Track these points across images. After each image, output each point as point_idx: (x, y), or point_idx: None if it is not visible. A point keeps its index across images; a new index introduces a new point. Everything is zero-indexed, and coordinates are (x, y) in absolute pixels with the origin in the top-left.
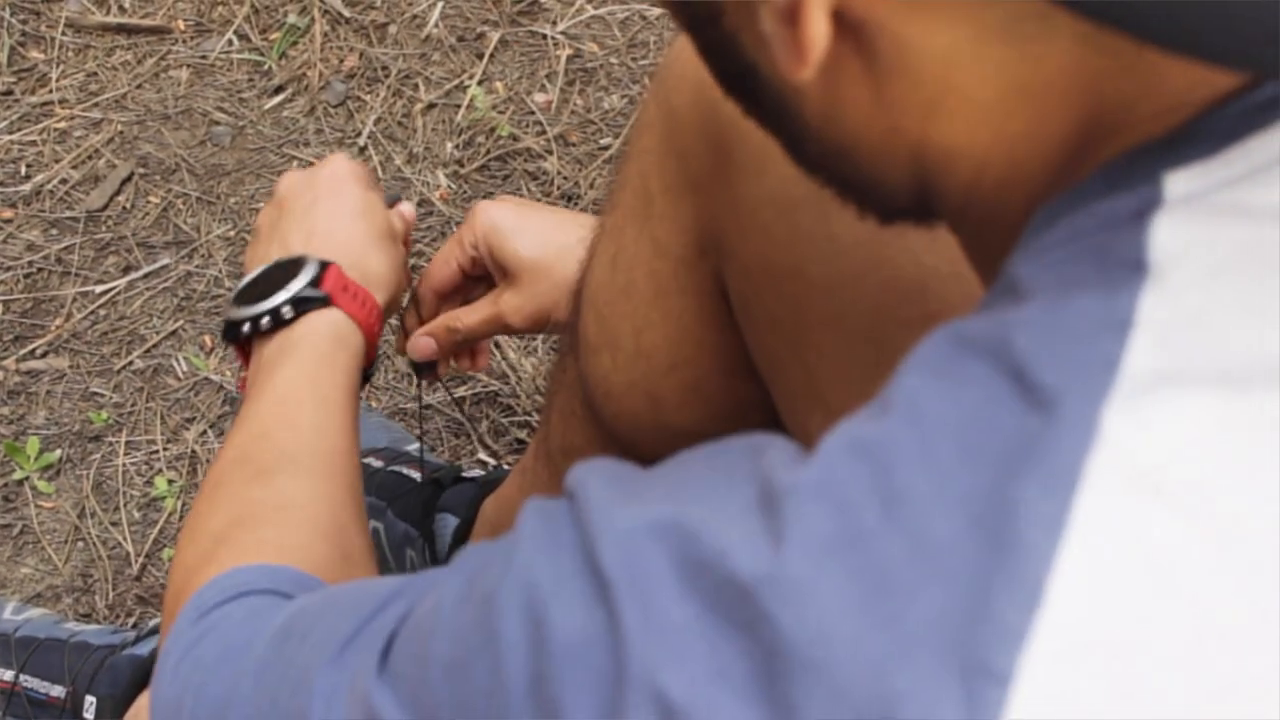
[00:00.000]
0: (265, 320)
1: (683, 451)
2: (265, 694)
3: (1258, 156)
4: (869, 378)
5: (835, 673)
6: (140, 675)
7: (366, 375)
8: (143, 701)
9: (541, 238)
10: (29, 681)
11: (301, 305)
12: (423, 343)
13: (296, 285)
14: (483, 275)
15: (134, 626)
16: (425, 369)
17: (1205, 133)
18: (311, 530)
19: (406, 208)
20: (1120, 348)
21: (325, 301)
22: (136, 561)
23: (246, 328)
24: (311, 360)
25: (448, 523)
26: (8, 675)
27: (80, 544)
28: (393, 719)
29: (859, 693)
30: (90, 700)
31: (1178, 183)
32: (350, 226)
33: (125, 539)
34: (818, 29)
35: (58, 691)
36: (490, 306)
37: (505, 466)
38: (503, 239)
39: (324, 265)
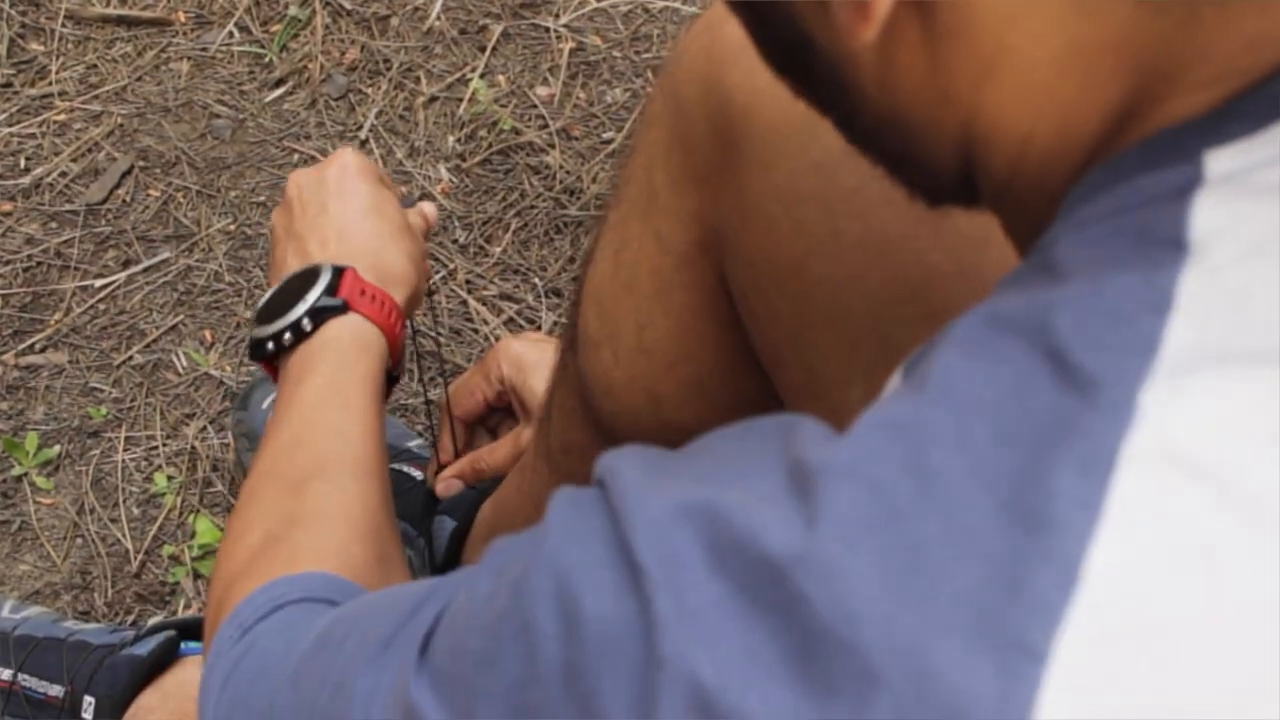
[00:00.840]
0: (287, 335)
1: (714, 431)
2: (305, 701)
3: None
4: (871, 376)
5: (870, 651)
6: (139, 676)
7: (394, 377)
8: (142, 702)
9: None
10: (27, 680)
11: (319, 315)
12: (450, 484)
13: (313, 296)
14: (506, 405)
15: (133, 624)
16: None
17: (1248, 109)
18: (347, 534)
19: (428, 207)
20: (1160, 328)
21: (343, 308)
22: (136, 559)
23: (270, 346)
24: (334, 368)
25: (445, 525)
26: (6, 674)
27: (79, 541)
28: (432, 717)
29: (894, 671)
30: (89, 700)
31: (1219, 160)
32: (363, 225)
33: (124, 536)
34: None
35: (56, 691)
36: (513, 444)
37: None
38: (524, 376)
39: (339, 271)
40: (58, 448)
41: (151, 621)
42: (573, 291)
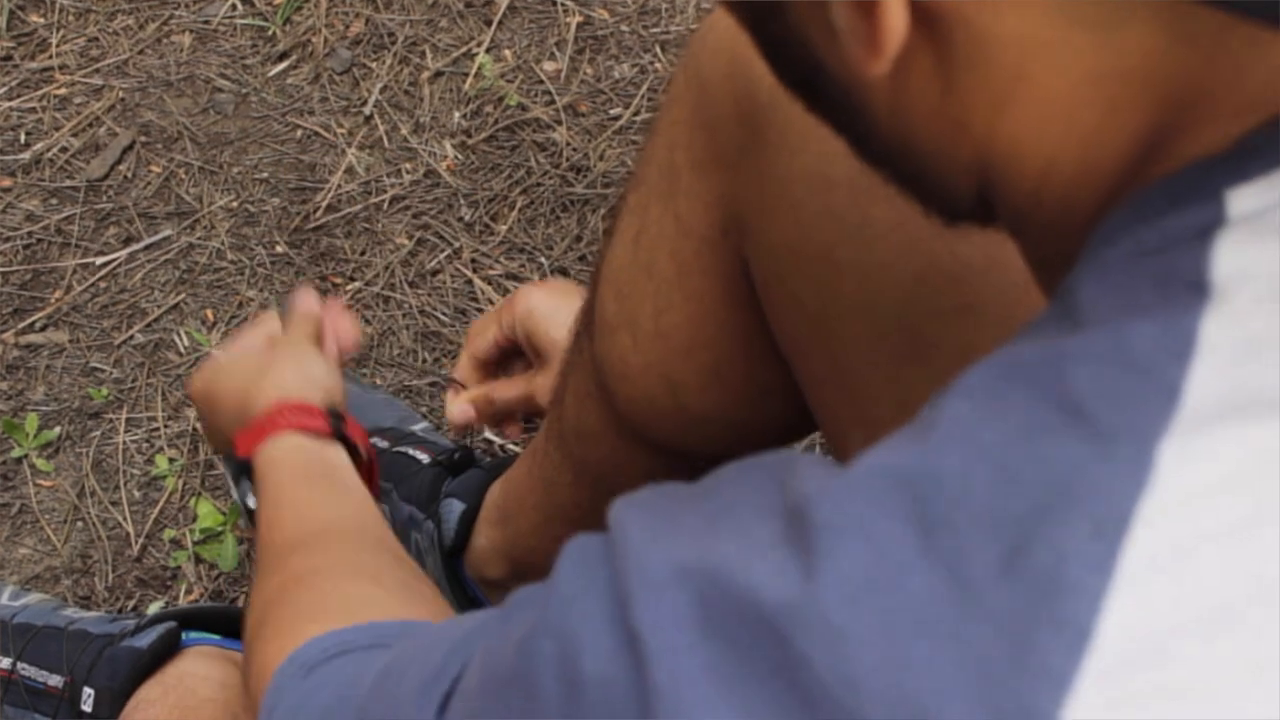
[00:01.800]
0: (249, 501)
1: (724, 466)
2: None
3: None
4: (899, 367)
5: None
6: (139, 669)
7: (354, 451)
8: (142, 695)
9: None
10: (26, 670)
11: (242, 485)
12: (461, 409)
13: (230, 481)
14: (519, 352)
15: (134, 609)
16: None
17: (1268, 145)
18: (335, 584)
19: (302, 299)
20: (1181, 376)
21: (246, 465)
22: (136, 542)
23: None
24: (266, 489)
25: (453, 507)
26: (5, 663)
27: (79, 524)
28: None
29: None
30: (88, 692)
31: (1241, 199)
32: (234, 390)
33: (125, 519)
34: (896, 20)
35: (55, 681)
36: (525, 385)
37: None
38: (537, 323)
39: (231, 446)
40: (58, 429)
41: (152, 610)
42: (589, 274)
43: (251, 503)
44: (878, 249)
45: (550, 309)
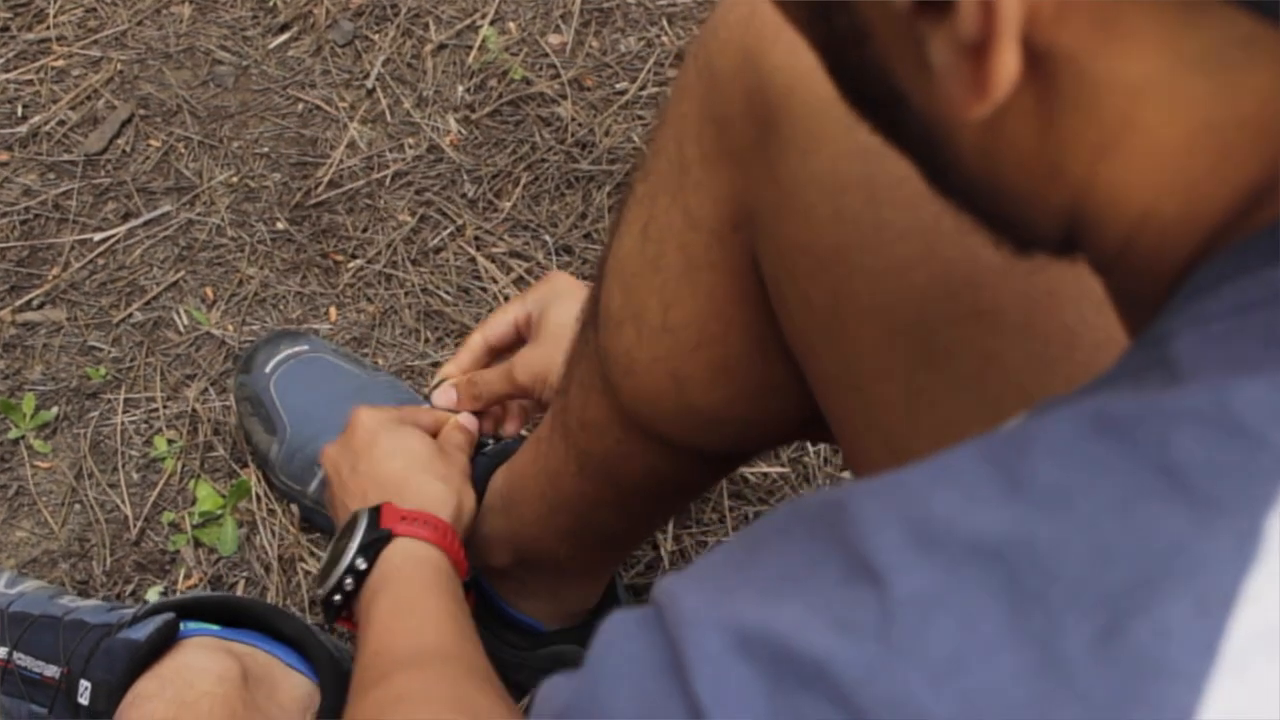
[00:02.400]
0: (347, 580)
1: (764, 520)
2: None
3: None
4: (912, 373)
5: None
6: (136, 662)
7: (468, 585)
8: (139, 689)
9: None
10: (22, 660)
11: (368, 550)
12: (443, 391)
13: (357, 537)
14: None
15: (132, 594)
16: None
17: None
18: (430, 707)
19: (465, 419)
20: None
21: (389, 537)
22: (135, 526)
23: (338, 599)
24: (398, 586)
25: None
26: (1, 652)
27: (77, 506)
28: None
29: None
30: (85, 685)
31: None
32: (391, 467)
33: (124, 502)
34: (1008, 64)
35: (51, 671)
36: (507, 367)
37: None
38: (550, 303)
39: (375, 509)
40: (55, 409)
41: (151, 596)
42: (594, 259)
43: (362, 564)
44: (892, 253)
45: (569, 292)
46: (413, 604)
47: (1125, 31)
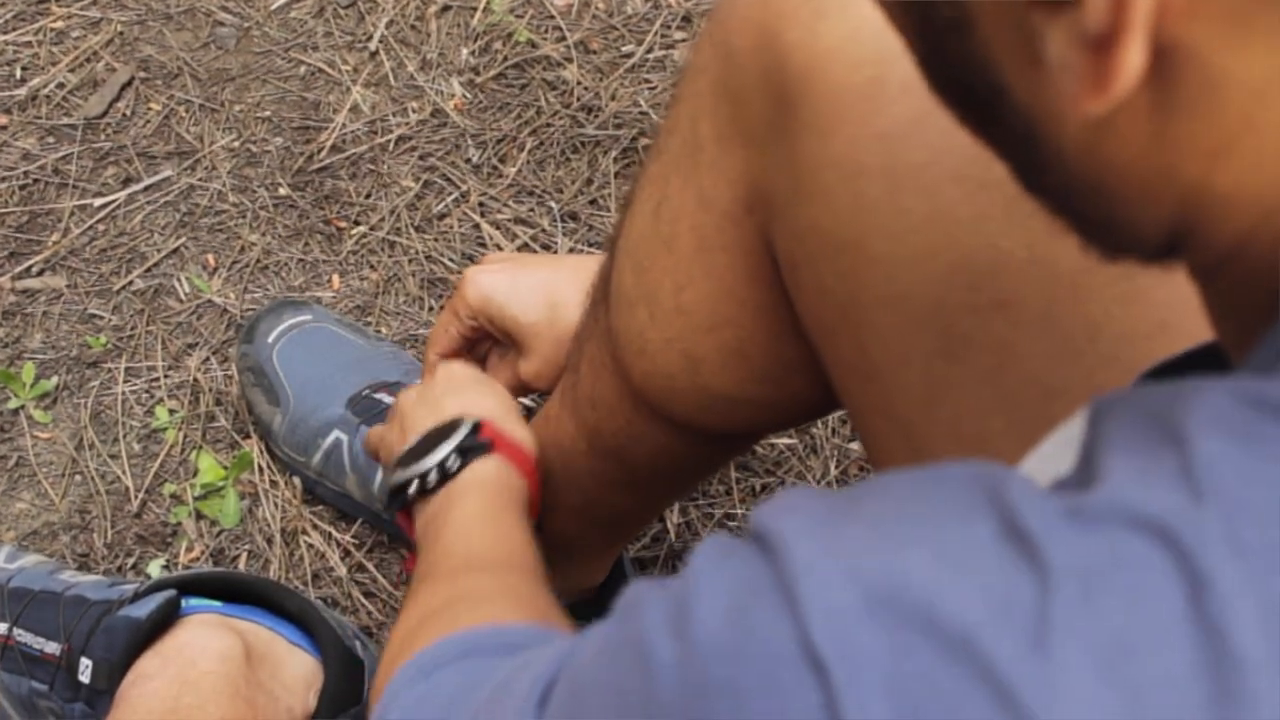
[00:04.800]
0: (432, 475)
1: (884, 475)
2: None
3: None
4: (930, 362)
5: None
6: (137, 641)
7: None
8: (140, 668)
9: (537, 298)
10: (22, 635)
11: (466, 454)
12: None
13: (456, 438)
14: (485, 336)
15: (134, 568)
16: None
17: None
18: (504, 605)
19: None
20: None
21: (489, 447)
22: (136, 497)
23: (413, 487)
24: (483, 497)
25: None
26: (1, 628)
27: (78, 478)
28: None
29: None
30: (86, 663)
31: None
32: (484, 404)
33: (125, 473)
34: (1134, 59)
35: (52, 648)
36: (508, 373)
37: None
38: (499, 308)
39: (478, 422)
40: (55, 379)
41: (152, 571)
42: (603, 237)
43: (455, 463)
44: (911, 241)
45: (508, 288)
46: (497, 516)
47: (1257, 28)
